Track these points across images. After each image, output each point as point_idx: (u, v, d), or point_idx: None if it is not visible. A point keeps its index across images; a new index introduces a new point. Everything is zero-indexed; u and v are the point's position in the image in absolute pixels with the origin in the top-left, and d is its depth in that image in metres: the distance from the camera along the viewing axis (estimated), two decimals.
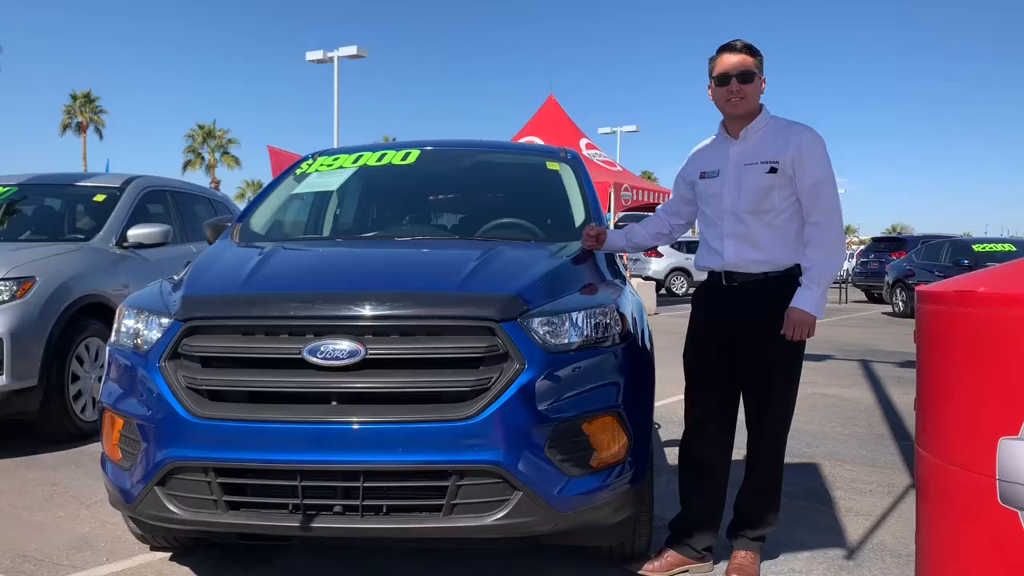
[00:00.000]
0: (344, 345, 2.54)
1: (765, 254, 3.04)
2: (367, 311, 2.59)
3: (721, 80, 3.05)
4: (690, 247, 22.96)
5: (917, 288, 2.21)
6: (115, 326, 2.97)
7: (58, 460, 4.77)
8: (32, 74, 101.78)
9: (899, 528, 3.71)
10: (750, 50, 3.06)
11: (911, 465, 4.82)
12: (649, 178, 51.04)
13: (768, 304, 3.02)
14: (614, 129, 33.32)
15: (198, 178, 53.11)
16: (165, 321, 2.75)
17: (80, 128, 55.95)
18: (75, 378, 5.19)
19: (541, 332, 2.65)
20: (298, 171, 4.38)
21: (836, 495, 4.22)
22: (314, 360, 2.54)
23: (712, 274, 3.19)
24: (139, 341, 2.80)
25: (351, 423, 2.51)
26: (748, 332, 3.05)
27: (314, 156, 4.49)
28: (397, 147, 4.43)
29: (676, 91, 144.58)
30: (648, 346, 3.07)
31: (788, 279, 3.05)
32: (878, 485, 4.41)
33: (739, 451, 3.19)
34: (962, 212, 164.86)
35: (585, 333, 2.73)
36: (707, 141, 3.30)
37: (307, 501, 2.54)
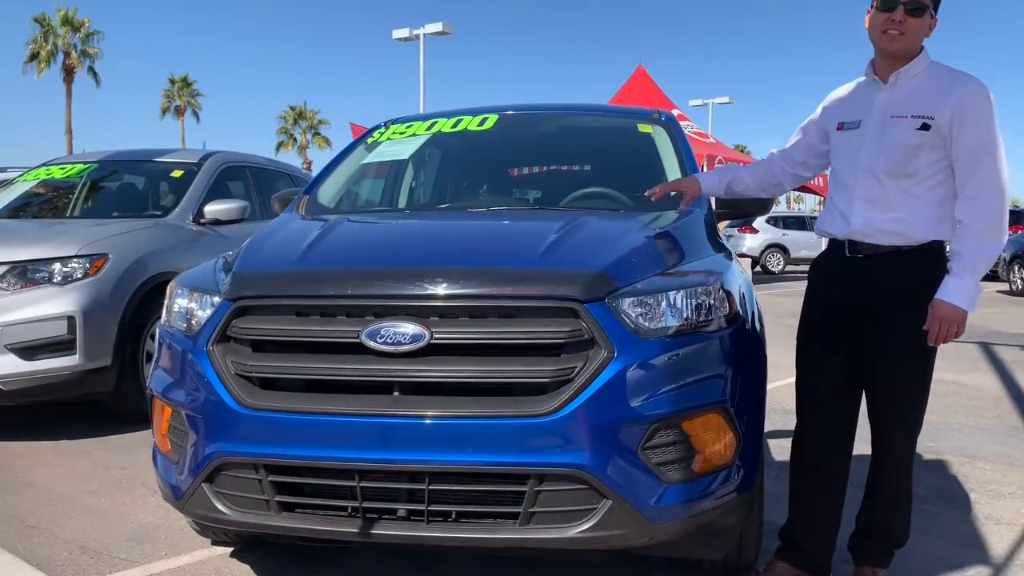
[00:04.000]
0: (407, 328, 2.22)
1: (899, 225, 2.55)
2: (432, 290, 2.26)
3: (886, 5, 2.53)
4: (787, 223, 22.05)
5: None
6: (166, 305, 2.73)
7: (131, 442, 4.64)
8: (131, 56, 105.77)
9: None
10: None
11: None
12: (743, 151, 49.53)
13: (900, 282, 2.56)
14: (706, 101, 32.39)
15: (291, 159, 54.13)
16: (216, 300, 2.49)
17: (178, 111, 57.70)
18: (150, 357, 5.07)
19: (633, 314, 2.27)
20: (369, 140, 4.10)
21: (971, 498, 3.71)
22: (373, 345, 2.23)
23: (834, 242, 2.74)
24: (189, 323, 2.55)
25: (415, 417, 2.19)
26: (875, 316, 2.58)
27: (387, 124, 4.20)
28: (474, 112, 4.09)
29: (770, 62, 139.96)
30: (759, 330, 2.66)
31: (925, 252, 2.57)
32: (1018, 487, 3.87)
33: (862, 446, 2.75)
34: None
35: (685, 315, 2.33)
36: (850, 85, 2.79)
37: (366, 504, 2.25)
